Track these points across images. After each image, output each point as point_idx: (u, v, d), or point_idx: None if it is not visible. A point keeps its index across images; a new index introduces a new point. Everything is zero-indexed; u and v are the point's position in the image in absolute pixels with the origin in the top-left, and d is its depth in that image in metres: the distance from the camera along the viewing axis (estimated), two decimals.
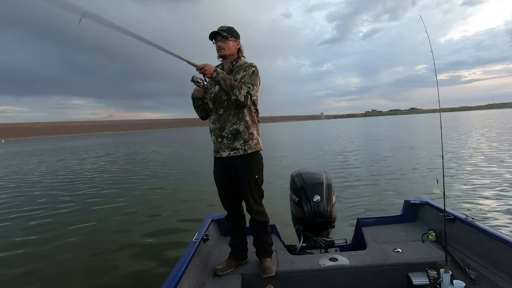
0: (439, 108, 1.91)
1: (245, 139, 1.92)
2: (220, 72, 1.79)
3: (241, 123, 1.93)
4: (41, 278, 3.33)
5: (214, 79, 1.79)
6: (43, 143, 56.70)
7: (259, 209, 1.99)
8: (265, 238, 2.02)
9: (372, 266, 1.87)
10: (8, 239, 4.59)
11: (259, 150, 2.00)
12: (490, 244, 1.74)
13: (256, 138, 1.98)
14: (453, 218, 2.04)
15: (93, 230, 4.78)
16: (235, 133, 1.92)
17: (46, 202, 6.92)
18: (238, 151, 1.92)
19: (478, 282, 1.62)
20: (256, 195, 1.97)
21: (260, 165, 2.00)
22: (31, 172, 12.85)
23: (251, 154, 1.94)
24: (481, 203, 4.84)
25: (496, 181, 6.25)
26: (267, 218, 2.04)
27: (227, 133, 1.93)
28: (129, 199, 6.77)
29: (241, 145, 1.91)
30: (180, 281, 1.49)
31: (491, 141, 13.80)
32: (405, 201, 2.59)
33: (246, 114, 1.95)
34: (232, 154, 1.93)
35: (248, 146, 1.92)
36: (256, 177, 1.95)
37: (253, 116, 2.01)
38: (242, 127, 1.92)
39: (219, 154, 1.98)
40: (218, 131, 1.97)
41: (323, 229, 2.40)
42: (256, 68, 1.94)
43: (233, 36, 1.96)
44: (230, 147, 1.93)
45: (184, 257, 1.71)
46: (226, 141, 1.94)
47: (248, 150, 1.92)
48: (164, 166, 12.04)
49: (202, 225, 2.26)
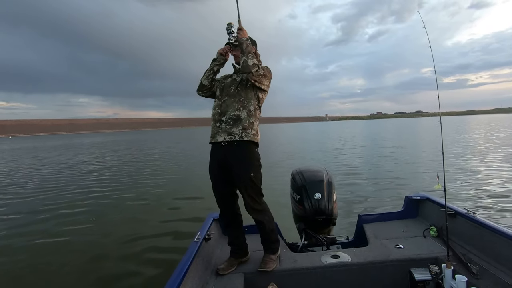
0: (440, 109, 1.91)
1: (244, 126, 1.90)
2: (249, 42, 1.97)
3: (244, 110, 1.93)
4: (46, 276, 3.36)
5: (241, 40, 1.94)
6: (53, 140, 57.40)
7: (257, 208, 1.94)
8: (268, 235, 2.00)
9: (374, 263, 1.87)
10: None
11: (256, 143, 1.96)
12: (492, 238, 1.73)
13: (256, 129, 1.97)
14: (454, 213, 2.03)
15: (93, 229, 4.77)
16: (236, 119, 1.91)
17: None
18: (235, 136, 1.87)
19: (480, 276, 1.61)
20: (254, 193, 1.91)
21: (256, 162, 1.93)
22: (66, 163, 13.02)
23: (246, 144, 1.90)
24: (482, 198, 4.83)
25: (497, 176, 6.24)
26: (268, 215, 2.00)
27: (227, 118, 1.92)
28: (133, 196, 6.83)
29: (238, 131, 1.88)
30: (183, 281, 1.49)
31: (492, 141, 13.71)
32: (406, 197, 2.59)
33: (251, 104, 1.96)
34: (227, 139, 1.88)
35: (245, 133, 1.89)
36: (252, 174, 1.88)
37: (256, 108, 2.01)
38: (244, 114, 1.92)
39: (215, 138, 1.94)
40: (218, 116, 1.97)
41: (325, 227, 2.40)
42: (270, 69, 2.04)
43: (253, 43, 2.05)
44: (227, 131, 1.89)
45: (186, 257, 1.71)
46: (224, 126, 1.92)
47: (244, 137, 1.88)
48: (166, 165, 12.12)
49: (203, 225, 2.25)
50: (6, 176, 11.00)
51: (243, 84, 1.98)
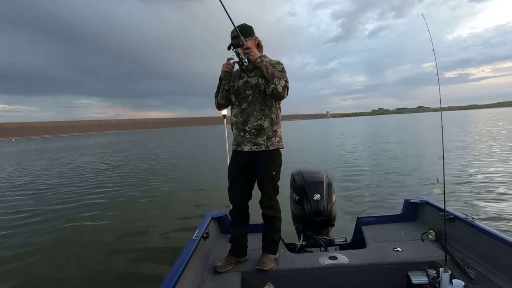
0: (440, 107, 1.90)
1: (269, 135, 1.93)
2: (264, 60, 1.83)
3: (266, 119, 1.93)
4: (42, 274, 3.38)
5: (257, 64, 1.81)
6: (57, 142, 57.61)
7: (271, 204, 2.00)
8: (272, 234, 2.03)
9: (372, 265, 1.87)
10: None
11: (280, 148, 2.01)
12: (490, 244, 1.72)
13: (279, 136, 1.99)
14: (453, 217, 2.03)
15: (92, 228, 4.81)
16: (259, 129, 1.92)
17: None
18: (260, 146, 1.92)
19: (477, 281, 1.61)
20: (271, 190, 1.98)
21: (278, 162, 2.00)
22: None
23: (272, 151, 1.95)
24: (481, 203, 4.79)
25: (497, 181, 6.18)
26: (279, 213, 2.04)
27: (250, 128, 1.93)
28: (133, 195, 6.85)
29: (264, 141, 1.92)
30: (180, 279, 1.50)
31: (493, 141, 13.60)
32: (405, 200, 2.58)
33: (272, 111, 1.96)
34: (253, 149, 1.93)
35: (270, 142, 1.93)
36: (273, 173, 1.96)
37: (278, 114, 2.01)
38: (267, 123, 1.93)
39: (241, 147, 1.98)
40: (240, 125, 1.97)
41: (323, 228, 2.40)
42: (283, 65, 1.96)
43: (247, 35, 1.94)
44: (253, 142, 1.93)
45: (184, 254, 1.72)
46: (249, 136, 1.94)
47: (270, 147, 1.93)
48: (167, 164, 12.12)
49: (202, 223, 2.27)
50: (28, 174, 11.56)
51: (261, 91, 1.92)
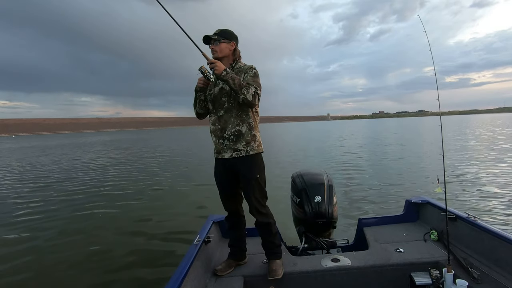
0: (439, 108, 1.91)
1: (248, 140, 1.93)
2: (230, 72, 1.82)
3: (244, 124, 1.93)
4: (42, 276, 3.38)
5: (223, 77, 1.81)
6: (58, 139, 57.55)
7: (262, 211, 1.97)
8: (271, 239, 2.01)
9: (375, 266, 1.87)
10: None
11: (261, 152, 2.01)
12: (493, 242, 1.73)
13: (258, 140, 1.99)
14: (455, 217, 2.03)
15: (92, 229, 4.78)
16: (238, 135, 1.92)
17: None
18: (240, 152, 1.92)
19: (481, 281, 1.61)
20: (259, 195, 1.96)
21: (261, 165, 2.00)
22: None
23: (252, 155, 1.95)
24: (483, 202, 4.80)
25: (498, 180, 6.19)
26: (271, 219, 2.02)
27: (229, 134, 1.93)
28: (133, 199, 6.81)
29: (243, 146, 1.92)
30: (182, 284, 1.50)
31: (494, 141, 13.62)
32: (407, 200, 2.58)
33: (249, 116, 1.95)
34: (234, 155, 1.93)
35: (250, 147, 1.93)
36: (258, 176, 1.94)
37: (255, 119, 2.01)
38: (245, 128, 1.93)
39: (221, 155, 1.98)
40: (219, 132, 1.96)
41: (325, 230, 2.39)
42: (256, 70, 1.95)
43: (226, 38, 1.94)
44: (232, 148, 1.93)
45: (186, 259, 1.72)
46: (228, 142, 1.94)
47: (250, 152, 1.93)
48: (167, 165, 12.08)
49: (203, 227, 2.26)
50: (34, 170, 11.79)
51: (235, 97, 1.90)
